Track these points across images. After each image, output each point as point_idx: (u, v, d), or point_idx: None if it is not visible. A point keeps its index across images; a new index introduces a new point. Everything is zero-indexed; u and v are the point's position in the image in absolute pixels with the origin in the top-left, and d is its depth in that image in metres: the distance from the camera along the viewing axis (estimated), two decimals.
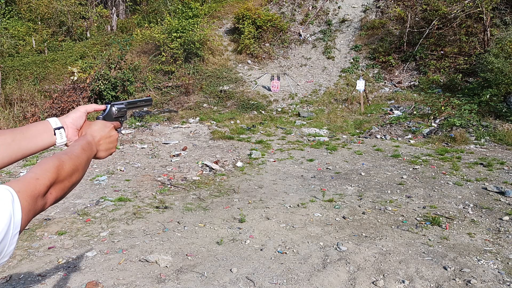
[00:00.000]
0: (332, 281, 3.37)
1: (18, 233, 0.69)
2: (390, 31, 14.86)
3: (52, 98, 11.11)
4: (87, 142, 1.05)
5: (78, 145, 1.01)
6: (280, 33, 15.54)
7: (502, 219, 4.60)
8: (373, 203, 5.25)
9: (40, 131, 1.02)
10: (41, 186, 0.77)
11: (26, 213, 0.71)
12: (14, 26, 16.49)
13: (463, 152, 7.58)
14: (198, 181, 6.33)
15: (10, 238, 0.67)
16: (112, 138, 1.16)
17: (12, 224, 0.67)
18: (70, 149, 0.97)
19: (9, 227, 0.66)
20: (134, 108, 1.37)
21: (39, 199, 0.76)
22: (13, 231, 0.67)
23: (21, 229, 0.70)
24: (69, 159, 0.90)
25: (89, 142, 1.06)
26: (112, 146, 1.16)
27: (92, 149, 1.07)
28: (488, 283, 3.29)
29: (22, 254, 3.93)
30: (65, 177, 0.86)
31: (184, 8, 14.29)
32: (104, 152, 1.13)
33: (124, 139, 8.71)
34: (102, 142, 1.13)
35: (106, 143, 1.14)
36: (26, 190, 0.72)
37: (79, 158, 0.95)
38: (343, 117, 10.92)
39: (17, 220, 0.68)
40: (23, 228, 0.71)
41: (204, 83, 12.95)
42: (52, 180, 0.81)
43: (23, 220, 0.70)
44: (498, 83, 9.68)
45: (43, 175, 0.79)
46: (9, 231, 0.66)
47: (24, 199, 0.71)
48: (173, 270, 3.59)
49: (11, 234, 0.67)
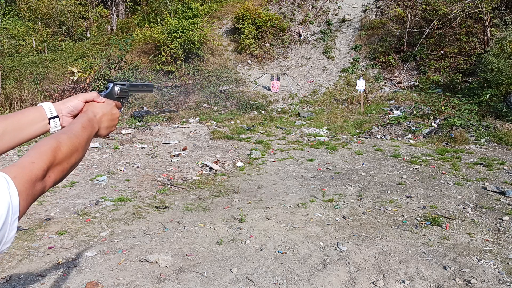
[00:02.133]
0: (332, 281, 3.37)
1: (18, 218, 0.69)
2: (390, 31, 14.86)
3: (52, 98, 11.12)
4: (88, 119, 1.02)
5: (78, 122, 0.98)
6: (280, 33, 15.53)
7: (502, 219, 4.60)
8: (373, 203, 5.25)
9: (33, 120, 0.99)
10: (37, 170, 0.75)
11: (24, 198, 0.70)
12: (14, 26, 16.49)
13: (463, 152, 7.58)
14: (198, 181, 6.33)
15: (9, 224, 0.66)
16: (114, 116, 1.14)
17: (11, 210, 0.66)
18: (70, 128, 0.94)
19: (8, 214, 0.65)
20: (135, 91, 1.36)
21: (37, 183, 0.74)
22: (12, 217, 0.67)
23: (20, 214, 0.69)
24: (68, 139, 0.87)
25: (90, 119, 1.03)
26: (113, 124, 1.13)
27: (94, 126, 1.04)
28: (488, 283, 3.29)
29: (22, 254, 3.93)
30: (63, 159, 0.83)
31: (184, 8, 14.29)
32: (105, 130, 1.11)
33: (124, 139, 8.71)
34: (104, 119, 1.09)
35: (107, 120, 1.11)
36: (23, 175, 0.71)
37: (79, 137, 0.91)
38: (343, 117, 10.92)
39: (15, 205, 0.67)
40: (22, 213, 0.70)
41: (204, 83, 12.94)
42: (49, 163, 0.78)
43: (22, 206, 0.69)
44: (498, 83, 9.68)
45: (39, 158, 0.77)
46: (8, 218, 0.66)
47: (20, 184, 0.69)
48: (173, 270, 3.59)
49: (10, 220, 0.66)
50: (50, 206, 5.22)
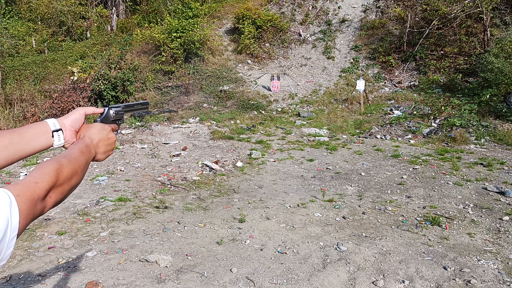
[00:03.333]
0: (332, 281, 3.37)
1: (16, 236, 0.69)
2: (390, 31, 14.86)
3: (52, 98, 11.11)
4: (85, 145, 1.05)
5: (76, 148, 1.01)
6: (280, 33, 15.53)
7: (502, 219, 4.60)
8: (373, 203, 5.25)
9: (38, 133, 1.01)
10: (40, 189, 0.76)
11: (25, 216, 0.71)
12: (14, 26, 16.50)
13: (463, 152, 7.58)
14: (198, 181, 6.33)
15: (7, 241, 0.67)
16: (110, 141, 1.16)
17: (10, 228, 0.66)
18: (69, 152, 0.97)
19: (6, 231, 0.66)
20: (131, 111, 1.38)
21: (38, 203, 0.76)
22: (11, 235, 0.67)
23: (19, 233, 0.70)
24: (68, 162, 0.90)
25: (87, 145, 1.06)
26: (110, 148, 1.16)
27: (91, 152, 1.06)
28: (488, 283, 3.29)
29: (22, 254, 3.93)
30: (64, 181, 0.85)
31: (184, 8, 14.29)
32: (103, 155, 1.13)
33: (124, 139, 8.71)
34: (101, 144, 1.12)
35: (104, 145, 1.13)
36: (25, 194, 0.72)
37: (78, 161, 0.94)
38: (343, 117, 10.92)
39: (14, 223, 0.68)
40: (21, 231, 0.71)
41: (204, 83, 12.94)
42: (52, 184, 0.80)
43: (21, 224, 0.70)
44: (498, 83, 9.68)
45: (42, 178, 0.79)
46: (6, 235, 0.66)
47: (22, 203, 0.70)
48: (173, 270, 3.59)
49: (8, 237, 0.67)
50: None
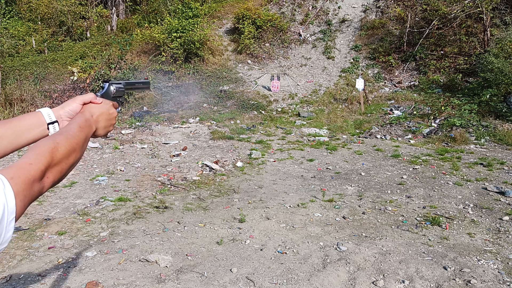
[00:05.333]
0: (332, 281, 3.37)
1: (15, 219, 0.69)
2: (390, 31, 14.86)
3: (52, 98, 11.12)
4: (85, 120, 1.02)
5: (75, 123, 0.98)
6: (280, 33, 15.53)
7: (502, 219, 4.60)
8: (373, 203, 5.25)
9: (32, 125, 0.99)
10: (35, 171, 0.75)
11: (22, 199, 0.70)
12: (14, 26, 16.49)
13: (463, 152, 7.58)
14: (198, 181, 6.33)
15: (5, 225, 0.67)
16: (111, 115, 1.13)
17: (6, 211, 0.66)
18: (67, 128, 0.94)
19: (3, 214, 0.66)
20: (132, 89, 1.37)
21: (35, 184, 0.75)
22: (8, 218, 0.67)
23: (17, 215, 0.70)
24: (65, 139, 0.87)
25: (87, 119, 1.03)
26: (110, 123, 1.13)
27: (91, 126, 1.04)
28: (488, 283, 3.29)
29: (22, 254, 3.93)
30: (61, 159, 0.83)
31: (184, 8, 14.29)
32: (103, 130, 1.10)
33: (124, 139, 8.71)
34: (101, 119, 1.09)
35: (105, 120, 1.10)
36: (20, 176, 0.72)
37: (76, 137, 0.92)
38: (343, 117, 10.92)
39: (11, 206, 0.67)
40: (19, 214, 0.70)
41: (204, 83, 12.94)
42: (47, 164, 0.79)
43: (19, 207, 0.69)
44: (498, 83, 9.68)
45: (36, 159, 0.77)
46: (3, 218, 0.66)
47: (17, 185, 0.70)
48: (173, 270, 3.59)
49: (6, 220, 0.67)
50: (50, 206, 5.22)
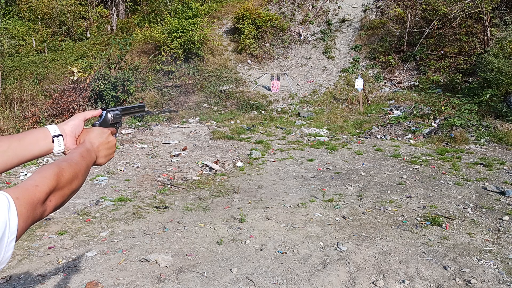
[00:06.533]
0: (332, 281, 3.37)
1: (15, 239, 0.68)
2: (390, 31, 14.86)
3: (52, 98, 11.11)
4: (86, 149, 1.05)
5: (77, 152, 1.01)
6: (280, 33, 15.53)
7: (502, 219, 4.60)
8: (373, 203, 5.25)
9: (37, 138, 1.01)
10: (40, 193, 0.76)
11: (24, 220, 0.71)
12: (14, 26, 16.48)
13: (463, 152, 7.58)
14: (198, 181, 6.33)
15: (5, 244, 0.66)
16: (111, 144, 1.16)
17: (8, 230, 0.66)
18: (70, 157, 0.97)
19: (4, 233, 0.65)
20: (128, 114, 1.38)
21: (38, 206, 0.75)
22: (9, 237, 0.67)
23: (18, 236, 0.69)
24: (69, 166, 0.89)
25: (88, 149, 1.06)
26: (111, 152, 1.16)
27: (92, 156, 1.07)
28: (488, 283, 3.29)
29: (22, 254, 3.93)
30: (64, 184, 0.85)
31: (184, 8, 14.28)
32: (104, 158, 1.14)
33: (124, 139, 8.71)
34: (101, 148, 1.13)
35: (105, 149, 1.14)
36: (25, 197, 0.72)
37: (79, 165, 0.94)
38: (343, 117, 10.92)
39: (13, 226, 0.67)
40: (20, 234, 0.70)
41: (204, 83, 12.94)
42: (52, 187, 0.80)
43: (20, 227, 0.69)
44: (498, 83, 9.68)
45: (42, 182, 0.79)
46: (4, 237, 0.65)
47: (22, 206, 0.70)
48: (173, 270, 3.59)
49: (6, 240, 0.66)
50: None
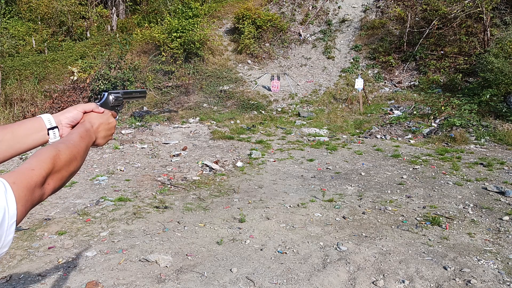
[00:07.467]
0: (332, 281, 3.37)
1: (15, 223, 0.70)
2: (390, 31, 14.86)
3: (52, 98, 11.12)
4: (85, 130, 1.04)
5: (76, 133, 1.00)
6: (280, 33, 15.53)
7: (502, 219, 4.60)
8: (373, 203, 5.25)
9: (31, 130, 1.00)
10: (37, 176, 0.76)
11: (23, 204, 0.71)
12: (14, 26, 16.47)
13: (463, 152, 7.58)
14: (198, 181, 6.33)
15: (6, 228, 0.67)
16: (111, 125, 1.15)
17: (7, 215, 0.67)
18: (68, 138, 0.96)
19: (4, 218, 0.66)
20: (129, 98, 1.38)
21: (36, 190, 0.76)
22: (9, 222, 0.68)
23: (18, 220, 0.70)
24: (66, 148, 0.89)
25: (87, 130, 1.05)
26: (110, 133, 1.15)
27: (91, 136, 1.05)
28: (488, 283, 3.29)
29: (22, 254, 3.93)
30: (62, 167, 0.85)
31: (184, 8, 14.28)
32: (103, 139, 1.12)
33: (124, 139, 8.71)
34: (101, 129, 1.11)
35: (104, 130, 1.13)
36: (22, 181, 0.72)
37: (77, 146, 0.93)
38: (343, 117, 10.92)
39: (11, 210, 0.68)
40: (20, 218, 0.71)
41: (204, 83, 12.94)
42: (48, 171, 0.80)
43: (19, 211, 0.70)
44: (498, 83, 9.68)
45: (38, 165, 0.78)
46: (4, 222, 0.67)
47: (19, 190, 0.71)
48: (173, 270, 3.59)
49: (6, 224, 0.67)
50: (50, 206, 5.22)
